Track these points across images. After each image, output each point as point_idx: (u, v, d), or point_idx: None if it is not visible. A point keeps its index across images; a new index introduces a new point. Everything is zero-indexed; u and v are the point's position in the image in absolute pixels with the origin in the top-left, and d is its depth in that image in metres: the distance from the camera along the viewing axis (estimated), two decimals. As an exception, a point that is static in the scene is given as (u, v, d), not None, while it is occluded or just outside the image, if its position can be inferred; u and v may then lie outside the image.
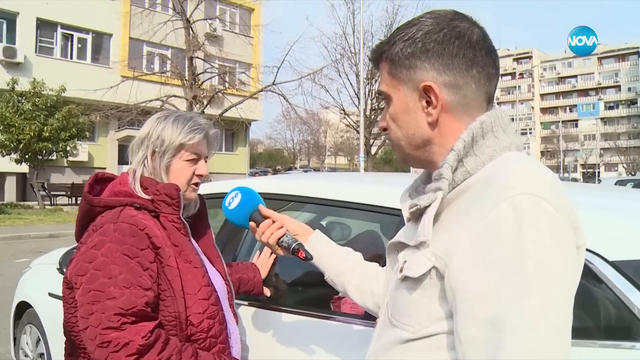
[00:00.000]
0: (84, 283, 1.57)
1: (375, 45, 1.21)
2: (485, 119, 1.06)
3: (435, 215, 1.03)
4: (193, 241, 1.83)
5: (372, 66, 23.21)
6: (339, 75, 28.34)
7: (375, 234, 2.73)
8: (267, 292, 2.22)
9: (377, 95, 26.60)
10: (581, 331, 1.55)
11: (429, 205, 1.04)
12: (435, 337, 1.02)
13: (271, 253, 2.16)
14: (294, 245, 1.49)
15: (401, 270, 1.08)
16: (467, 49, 1.06)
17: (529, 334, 0.83)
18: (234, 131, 28.44)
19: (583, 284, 1.63)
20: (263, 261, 2.26)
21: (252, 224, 1.58)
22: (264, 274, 2.22)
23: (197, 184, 1.86)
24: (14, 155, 19.80)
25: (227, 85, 24.13)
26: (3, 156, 19.63)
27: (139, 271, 1.58)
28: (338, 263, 1.51)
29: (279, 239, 1.52)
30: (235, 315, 1.94)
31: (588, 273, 1.57)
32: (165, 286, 1.64)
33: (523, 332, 0.83)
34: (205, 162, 1.89)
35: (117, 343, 1.49)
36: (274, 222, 1.55)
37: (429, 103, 1.07)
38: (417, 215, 1.10)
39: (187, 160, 1.82)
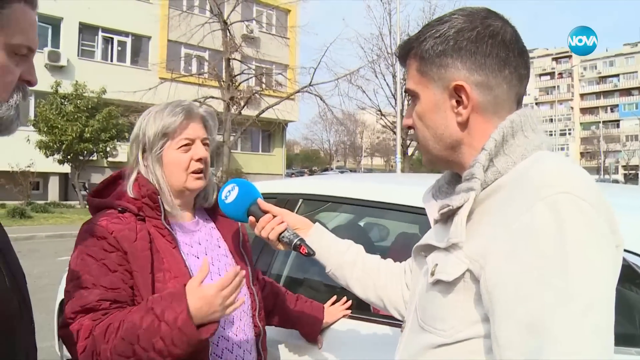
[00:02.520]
0: (65, 284, 1.60)
1: (403, 41, 1.19)
2: (515, 118, 1.04)
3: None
4: (182, 247, 1.71)
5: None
6: (376, 76, 28.39)
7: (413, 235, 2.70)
8: (320, 343, 2.14)
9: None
10: (619, 338, 1.51)
11: (462, 206, 1.02)
12: (469, 341, 1.00)
13: (344, 302, 2.17)
14: (295, 240, 1.47)
15: (432, 274, 1.06)
16: (500, 48, 1.04)
17: (572, 335, 0.81)
18: (270, 132, 28.66)
19: (625, 288, 1.58)
20: (335, 309, 2.19)
21: (251, 219, 1.55)
22: (329, 319, 2.16)
23: (199, 171, 1.72)
24: (57, 156, 20.30)
25: (264, 86, 24.27)
26: (47, 157, 20.11)
27: (103, 271, 1.55)
28: (339, 256, 1.51)
29: (280, 234, 1.49)
30: (257, 327, 1.83)
31: (633, 275, 1.53)
32: (137, 292, 1.58)
33: (566, 334, 0.81)
34: (206, 145, 1.76)
35: (73, 333, 1.50)
36: (274, 216, 1.53)
37: (459, 102, 1.06)
38: (447, 216, 1.08)
39: (180, 148, 1.70)
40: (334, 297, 2.21)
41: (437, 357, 1.05)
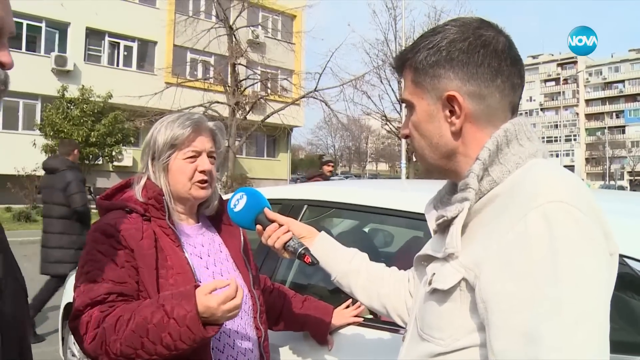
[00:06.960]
0: (75, 280, 1.69)
1: (399, 52, 1.21)
2: (509, 127, 1.06)
3: (462, 226, 1.03)
4: (186, 247, 1.79)
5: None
6: (381, 81, 28.33)
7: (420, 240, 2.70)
8: (330, 344, 2.15)
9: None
10: (625, 346, 1.50)
11: (456, 216, 1.03)
12: (467, 350, 1.01)
13: (357, 307, 2.18)
14: (300, 250, 1.50)
15: (430, 283, 1.08)
16: (492, 58, 1.05)
17: (566, 344, 0.82)
18: (275, 137, 28.67)
19: (629, 296, 1.57)
20: (346, 313, 2.20)
21: (258, 227, 1.57)
22: (338, 322, 2.17)
23: (203, 182, 1.81)
24: (63, 160, 20.31)
25: (269, 91, 24.30)
26: (52, 161, 20.14)
27: (112, 267, 1.64)
28: (344, 265, 1.52)
29: (285, 243, 1.52)
30: (258, 329, 1.89)
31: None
32: (142, 287, 1.67)
33: (560, 342, 0.82)
34: (213, 157, 1.85)
35: (83, 324, 1.59)
36: (280, 225, 1.55)
37: (452, 112, 1.07)
38: (444, 226, 1.10)
39: (186, 158, 1.79)
40: (349, 301, 2.21)
41: None
